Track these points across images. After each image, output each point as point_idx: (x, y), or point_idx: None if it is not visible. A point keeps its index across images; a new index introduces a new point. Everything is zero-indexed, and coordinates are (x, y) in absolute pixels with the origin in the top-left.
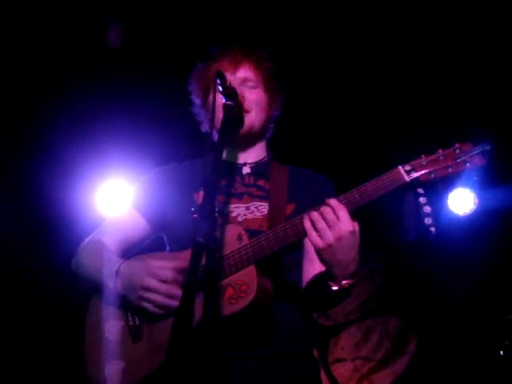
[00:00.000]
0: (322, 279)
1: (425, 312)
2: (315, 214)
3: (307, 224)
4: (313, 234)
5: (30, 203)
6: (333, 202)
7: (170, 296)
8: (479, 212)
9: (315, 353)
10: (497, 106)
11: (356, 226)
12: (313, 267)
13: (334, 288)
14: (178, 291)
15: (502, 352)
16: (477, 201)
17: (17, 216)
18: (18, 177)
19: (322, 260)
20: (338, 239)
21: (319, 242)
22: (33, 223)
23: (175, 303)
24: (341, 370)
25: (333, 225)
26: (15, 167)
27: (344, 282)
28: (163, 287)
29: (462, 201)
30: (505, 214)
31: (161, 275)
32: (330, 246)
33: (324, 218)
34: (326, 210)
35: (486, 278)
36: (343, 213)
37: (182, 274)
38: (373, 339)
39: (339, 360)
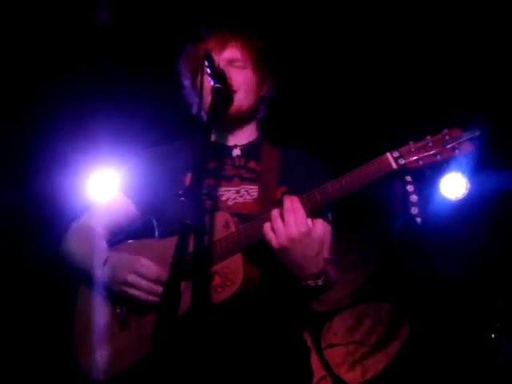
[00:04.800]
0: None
1: (417, 297)
2: (274, 213)
3: (266, 224)
4: (269, 233)
5: (22, 192)
6: (290, 201)
7: (151, 292)
8: (471, 196)
9: (307, 338)
10: (487, 90)
11: (315, 228)
12: None
13: (298, 285)
14: (159, 288)
15: (493, 335)
16: (469, 185)
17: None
18: (10, 166)
19: (280, 260)
20: (291, 240)
21: (273, 243)
22: (24, 212)
23: (156, 299)
24: (333, 355)
25: (287, 225)
26: (6, 156)
27: (306, 282)
28: (144, 283)
29: (453, 185)
30: (496, 198)
31: (143, 272)
32: (283, 247)
33: (281, 218)
34: (281, 210)
35: (477, 262)
36: (298, 213)
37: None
38: (366, 324)
39: (332, 345)
